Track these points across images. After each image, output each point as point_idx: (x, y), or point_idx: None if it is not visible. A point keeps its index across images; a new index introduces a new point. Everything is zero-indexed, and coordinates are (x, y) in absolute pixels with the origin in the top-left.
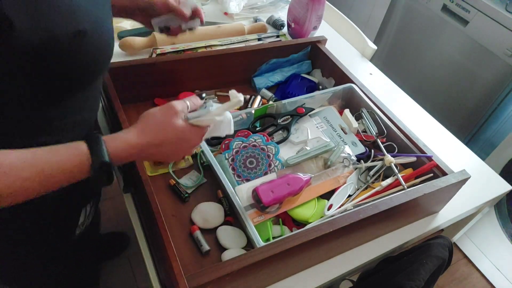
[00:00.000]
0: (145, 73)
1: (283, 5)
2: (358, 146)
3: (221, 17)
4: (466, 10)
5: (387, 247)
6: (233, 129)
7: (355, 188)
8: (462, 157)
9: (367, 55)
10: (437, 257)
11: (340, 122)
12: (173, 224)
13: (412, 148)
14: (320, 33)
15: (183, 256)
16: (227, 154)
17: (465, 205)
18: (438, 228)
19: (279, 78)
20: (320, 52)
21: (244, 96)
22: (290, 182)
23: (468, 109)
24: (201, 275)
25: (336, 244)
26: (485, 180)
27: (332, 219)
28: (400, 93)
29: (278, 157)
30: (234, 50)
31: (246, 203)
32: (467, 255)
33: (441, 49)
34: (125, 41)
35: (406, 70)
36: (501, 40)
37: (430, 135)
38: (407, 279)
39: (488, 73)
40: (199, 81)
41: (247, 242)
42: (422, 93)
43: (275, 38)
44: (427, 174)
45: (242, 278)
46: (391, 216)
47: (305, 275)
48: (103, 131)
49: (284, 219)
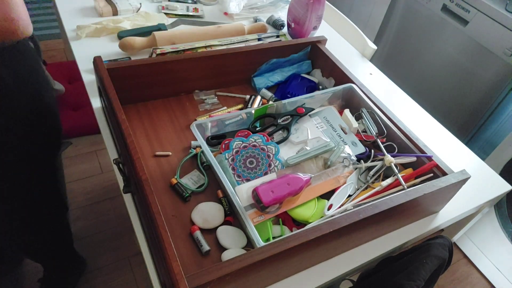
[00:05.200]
0: (145, 73)
1: (283, 5)
2: (358, 146)
3: (221, 17)
4: (466, 10)
5: (387, 247)
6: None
7: (355, 188)
8: (462, 157)
9: (367, 55)
10: (437, 257)
11: (340, 122)
12: (173, 224)
13: (412, 148)
14: (320, 33)
15: (183, 256)
16: (227, 154)
17: (465, 205)
18: (438, 228)
19: (279, 78)
20: (320, 52)
21: (244, 96)
22: (290, 182)
23: (468, 109)
24: (201, 275)
25: (336, 244)
26: (485, 180)
27: (332, 219)
28: (400, 93)
29: (278, 157)
30: (234, 50)
31: (246, 203)
32: (467, 255)
33: (441, 49)
34: (125, 41)
35: (406, 70)
36: (501, 40)
37: (430, 135)
38: (407, 279)
39: (488, 73)
40: (199, 81)
41: (247, 242)
42: (422, 93)
43: (275, 38)
44: (427, 174)
45: (242, 278)
46: (391, 216)
47: (305, 275)
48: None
49: (284, 219)
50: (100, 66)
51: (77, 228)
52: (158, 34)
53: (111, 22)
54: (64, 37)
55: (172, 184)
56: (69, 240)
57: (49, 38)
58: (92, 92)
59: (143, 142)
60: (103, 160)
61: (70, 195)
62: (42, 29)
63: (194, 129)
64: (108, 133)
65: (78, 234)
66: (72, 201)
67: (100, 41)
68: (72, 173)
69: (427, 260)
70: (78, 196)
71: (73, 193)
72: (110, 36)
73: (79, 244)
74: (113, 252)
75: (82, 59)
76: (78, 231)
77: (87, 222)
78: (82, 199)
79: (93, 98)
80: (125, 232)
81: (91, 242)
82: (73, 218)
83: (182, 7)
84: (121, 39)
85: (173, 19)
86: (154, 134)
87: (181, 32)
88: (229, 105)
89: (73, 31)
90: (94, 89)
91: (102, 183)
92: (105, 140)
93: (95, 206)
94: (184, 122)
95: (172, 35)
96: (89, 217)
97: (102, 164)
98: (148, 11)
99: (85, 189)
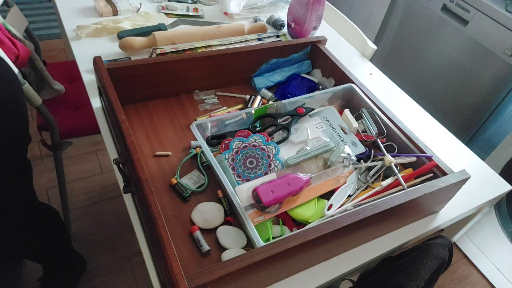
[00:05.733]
0: (145, 73)
1: (283, 5)
2: (358, 146)
3: (221, 17)
4: (466, 10)
5: (387, 247)
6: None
7: (355, 188)
8: (462, 157)
9: (367, 55)
10: (437, 257)
11: (340, 122)
12: (173, 224)
13: (412, 148)
14: (320, 33)
15: (183, 256)
16: (227, 154)
17: (465, 205)
18: (438, 228)
19: (279, 78)
20: (320, 52)
21: (244, 96)
22: (290, 182)
23: (468, 109)
24: (201, 275)
25: (336, 244)
26: (485, 180)
27: (332, 219)
28: (400, 93)
29: (278, 157)
30: (234, 50)
31: (246, 203)
32: (467, 255)
33: (441, 49)
34: (125, 41)
35: (406, 70)
36: (501, 40)
37: (430, 135)
38: (407, 279)
39: (488, 73)
40: (199, 81)
41: (247, 242)
42: (422, 93)
43: (275, 38)
44: (427, 174)
45: (242, 278)
46: (391, 216)
47: (305, 275)
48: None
49: (284, 219)
50: (100, 66)
51: (77, 228)
52: (158, 34)
53: (111, 22)
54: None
55: (172, 184)
56: (66, 239)
57: (49, 38)
58: (92, 92)
59: (143, 142)
60: (103, 160)
61: (70, 195)
62: (42, 29)
63: (194, 129)
64: (108, 133)
65: (78, 234)
66: (72, 201)
67: (100, 41)
68: (72, 173)
69: (427, 260)
70: (78, 196)
71: (73, 193)
72: (110, 36)
73: (79, 244)
74: (113, 252)
75: (82, 59)
76: (78, 231)
77: (87, 222)
78: (82, 199)
79: (93, 98)
80: (125, 232)
81: (91, 242)
82: (73, 218)
83: (182, 7)
84: (121, 39)
85: (173, 19)
86: (154, 134)
87: (181, 32)
88: (229, 105)
89: (73, 31)
90: (94, 89)
91: (102, 183)
92: (105, 140)
93: (95, 206)
94: (184, 122)
95: (172, 35)
96: (89, 217)
97: (102, 164)
98: (148, 11)
99: (85, 189)
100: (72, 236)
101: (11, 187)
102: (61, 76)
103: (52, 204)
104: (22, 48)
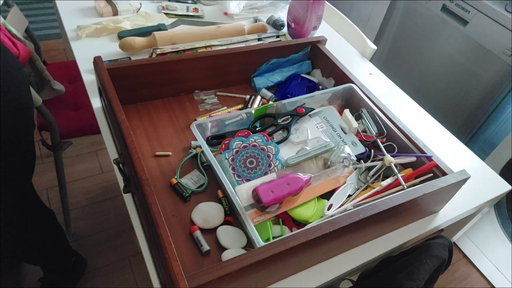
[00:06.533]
0: (145, 73)
1: (283, 5)
2: (358, 146)
3: (221, 17)
4: (466, 10)
5: (387, 247)
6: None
7: (355, 188)
8: (462, 157)
9: (367, 55)
10: (437, 257)
11: (340, 122)
12: (173, 224)
13: (412, 148)
14: (320, 33)
15: (183, 256)
16: (227, 154)
17: (465, 205)
18: (438, 228)
19: (279, 78)
20: (320, 52)
21: (244, 96)
22: (290, 182)
23: (468, 109)
24: (201, 275)
25: (336, 244)
26: (485, 180)
27: (332, 219)
28: (400, 93)
29: (278, 157)
30: (234, 50)
31: (246, 203)
32: (467, 255)
33: (441, 49)
34: (125, 41)
35: (406, 70)
36: (501, 40)
37: (430, 135)
38: (407, 279)
39: (488, 73)
40: (199, 81)
41: (247, 242)
42: (422, 93)
43: (275, 38)
44: (427, 174)
45: (242, 278)
46: (391, 216)
47: (305, 275)
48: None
49: (284, 219)
50: (100, 66)
51: (77, 228)
52: (158, 34)
53: (111, 22)
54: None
55: (172, 184)
56: (63, 240)
57: (49, 38)
58: (92, 92)
59: (143, 142)
60: (103, 160)
61: (70, 195)
62: (42, 29)
63: (194, 129)
64: (108, 133)
65: (78, 234)
66: (72, 201)
67: (100, 41)
68: (72, 173)
69: (427, 260)
70: (78, 196)
71: (73, 193)
72: (110, 36)
73: (79, 244)
74: (113, 252)
75: (82, 59)
76: (78, 231)
77: (87, 222)
78: (82, 199)
79: (93, 98)
80: (125, 232)
81: (91, 242)
82: (73, 218)
83: (182, 7)
84: (121, 39)
85: (173, 19)
86: (154, 134)
87: (181, 32)
88: (229, 105)
89: (73, 31)
90: (94, 89)
91: (102, 183)
92: (105, 140)
93: (95, 206)
94: (184, 122)
95: (172, 35)
96: (89, 217)
97: (102, 164)
98: (148, 11)
99: (85, 189)
100: (72, 236)
101: (12, 183)
102: (61, 76)
103: (52, 204)
104: (22, 48)
